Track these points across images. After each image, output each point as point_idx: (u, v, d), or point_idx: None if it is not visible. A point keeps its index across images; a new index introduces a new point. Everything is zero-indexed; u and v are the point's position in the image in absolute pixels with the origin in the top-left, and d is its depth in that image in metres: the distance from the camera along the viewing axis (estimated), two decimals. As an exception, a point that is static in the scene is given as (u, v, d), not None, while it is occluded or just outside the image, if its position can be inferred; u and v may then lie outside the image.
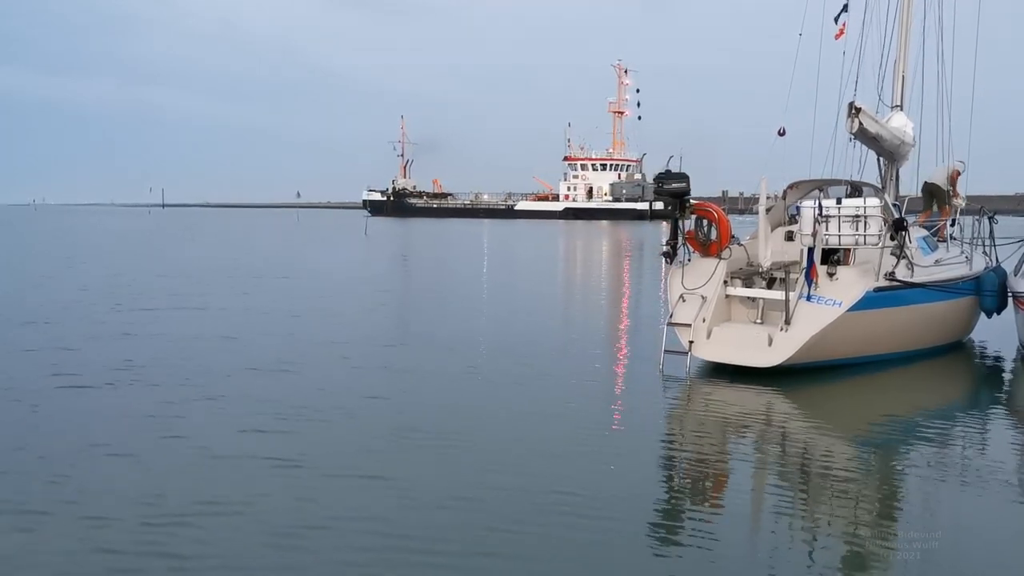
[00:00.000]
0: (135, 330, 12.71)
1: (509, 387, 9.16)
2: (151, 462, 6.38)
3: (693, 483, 6.22)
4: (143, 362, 10.12)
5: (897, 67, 12.94)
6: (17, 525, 5.16)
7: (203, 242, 44.03)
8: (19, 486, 5.83)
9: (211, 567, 4.61)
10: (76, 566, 4.63)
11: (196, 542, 4.90)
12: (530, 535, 5.07)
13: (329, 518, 5.28)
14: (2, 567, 4.58)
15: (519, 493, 5.77)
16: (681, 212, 10.36)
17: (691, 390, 9.11)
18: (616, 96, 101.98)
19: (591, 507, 5.53)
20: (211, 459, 6.47)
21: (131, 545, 4.86)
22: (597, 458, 6.59)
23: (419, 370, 9.91)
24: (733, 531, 5.21)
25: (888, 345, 10.19)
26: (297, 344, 11.65)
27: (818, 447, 7.10)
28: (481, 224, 76.23)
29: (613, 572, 4.63)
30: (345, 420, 7.68)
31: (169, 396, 8.45)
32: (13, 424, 7.45)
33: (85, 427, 7.33)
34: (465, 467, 6.32)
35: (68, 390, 8.73)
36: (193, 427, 7.35)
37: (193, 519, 5.23)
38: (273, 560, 4.70)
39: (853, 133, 10.42)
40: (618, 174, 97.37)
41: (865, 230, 9.63)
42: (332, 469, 6.24)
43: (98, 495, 5.66)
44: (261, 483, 5.90)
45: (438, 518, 5.30)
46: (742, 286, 10.47)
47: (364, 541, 4.97)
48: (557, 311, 16.76)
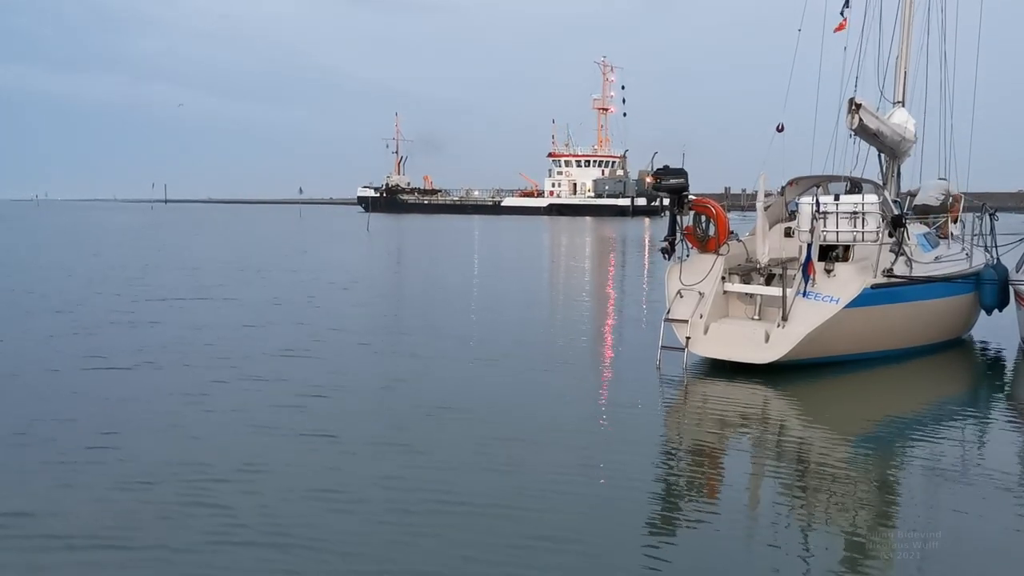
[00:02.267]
0: (161, 318, 13.49)
1: (505, 384, 9.12)
2: (193, 431, 7.08)
3: (689, 481, 6.17)
4: (172, 347, 10.86)
5: (899, 63, 12.87)
6: (64, 480, 5.83)
7: (212, 238, 44.28)
8: (66, 451, 6.48)
9: (253, 515, 5.22)
10: (128, 516, 5.24)
11: (239, 493, 5.59)
12: (525, 531, 5.03)
13: (359, 481, 5.87)
14: (54, 519, 5.17)
15: (511, 488, 5.74)
16: (680, 208, 10.29)
17: (688, 387, 9.06)
18: (601, 93, 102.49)
19: (586, 503, 5.50)
20: (249, 428, 7.20)
21: (176, 497, 5.51)
22: (592, 455, 6.55)
23: (415, 361, 9.97)
24: (730, 529, 5.18)
25: (886, 342, 10.14)
26: (316, 331, 12.30)
27: (816, 444, 7.05)
28: (469, 220, 76.49)
29: (610, 567, 4.60)
30: (367, 398, 8.38)
31: (201, 376, 9.15)
32: (57, 400, 8.11)
33: (125, 402, 8.04)
34: (452, 465, 6.30)
35: (105, 372, 9.40)
36: (229, 403, 8.05)
37: (235, 476, 5.90)
38: (307, 511, 5.33)
39: (853, 129, 10.37)
40: (601, 170, 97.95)
41: (863, 226, 9.57)
42: (357, 439, 6.88)
43: (144, 458, 6.31)
44: (294, 451, 6.57)
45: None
46: (740, 282, 10.41)
47: (393, 500, 5.54)
48: (552, 308, 16.70)
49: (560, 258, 31.22)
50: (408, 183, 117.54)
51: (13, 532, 4.94)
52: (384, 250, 35.21)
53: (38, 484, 5.74)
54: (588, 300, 17.36)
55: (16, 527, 5.01)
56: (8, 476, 5.90)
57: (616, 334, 12.93)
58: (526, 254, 33.49)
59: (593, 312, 15.44)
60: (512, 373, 9.59)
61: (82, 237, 42.18)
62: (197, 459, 6.25)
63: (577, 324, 13.65)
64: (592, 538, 4.97)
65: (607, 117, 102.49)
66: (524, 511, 5.35)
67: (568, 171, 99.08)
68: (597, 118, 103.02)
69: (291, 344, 11.13)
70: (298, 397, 8.23)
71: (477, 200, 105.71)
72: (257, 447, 6.62)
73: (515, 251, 35.26)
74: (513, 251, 35.11)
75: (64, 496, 5.53)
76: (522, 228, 59.18)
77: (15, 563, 4.55)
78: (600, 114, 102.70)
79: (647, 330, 12.42)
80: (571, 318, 14.50)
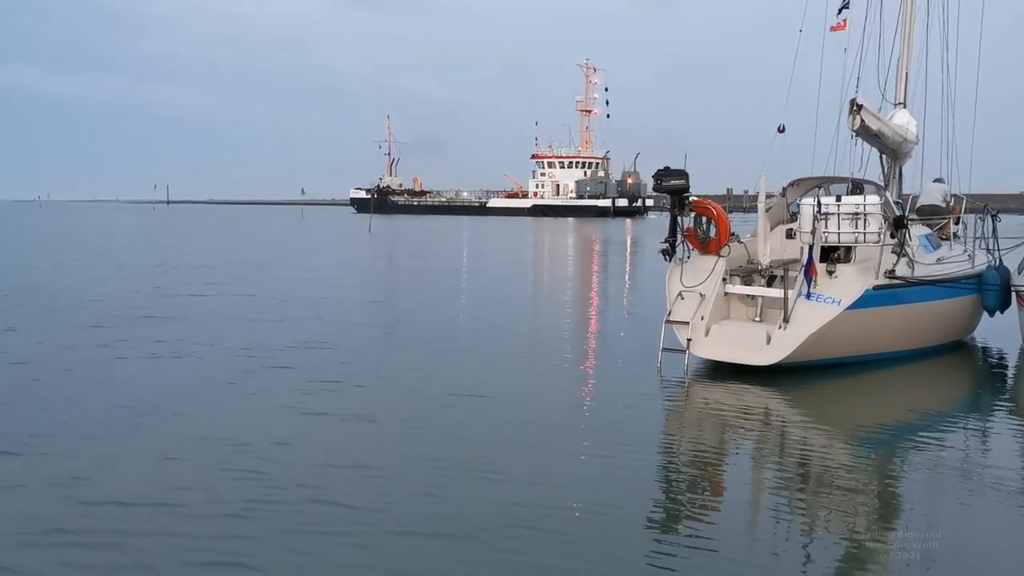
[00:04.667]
0: (182, 313, 14.20)
1: (504, 383, 9.08)
2: (226, 411, 7.76)
3: (691, 483, 6.15)
4: (195, 339, 11.47)
5: (900, 64, 12.83)
6: (115, 451, 6.54)
7: (220, 238, 44.53)
8: (107, 427, 7.15)
9: (288, 481, 5.84)
10: (173, 480, 5.90)
11: (273, 462, 6.22)
12: (524, 534, 5.00)
13: (387, 455, 6.49)
14: (92, 485, 5.81)
15: (509, 488, 5.70)
16: (680, 209, 10.26)
17: (689, 389, 9.02)
18: (584, 95, 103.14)
19: (587, 506, 5.47)
20: (280, 409, 7.83)
21: (216, 465, 6.19)
22: (592, 457, 6.52)
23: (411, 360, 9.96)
24: (731, 531, 5.17)
25: (888, 344, 10.11)
26: (335, 325, 13.06)
27: (817, 447, 7.02)
28: (455, 221, 76.73)
29: (610, 569, 4.57)
30: (387, 384, 9.00)
31: (228, 365, 9.81)
32: (93, 386, 8.75)
33: (159, 389, 8.65)
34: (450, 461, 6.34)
35: (135, 361, 10.07)
36: (258, 387, 8.73)
37: (271, 450, 6.53)
38: (340, 479, 5.96)
39: (855, 130, 10.35)
40: (584, 172, 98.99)
41: (865, 228, 9.53)
42: (381, 419, 7.52)
43: (182, 435, 6.97)
44: (324, 430, 7.20)
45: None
46: (741, 284, 10.37)
47: (422, 470, 6.15)
48: (549, 307, 16.63)
49: (545, 258, 31.26)
50: (400, 184, 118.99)
51: (73, 493, 5.64)
52: (387, 248, 35.33)
53: (92, 454, 6.48)
54: (587, 300, 17.32)
55: (76, 488, 5.73)
56: (69, 445, 6.67)
57: (616, 335, 12.87)
58: (511, 256, 33.36)
59: (593, 312, 15.40)
60: (511, 373, 9.56)
61: (92, 238, 42.26)
62: (231, 435, 6.92)
63: (576, 324, 13.61)
64: (593, 538, 4.94)
65: (590, 119, 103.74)
66: (521, 511, 5.31)
67: (551, 172, 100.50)
68: (580, 120, 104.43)
69: (313, 336, 11.86)
70: (322, 383, 8.88)
71: (465, 201, 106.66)
72: (289, 425, 7.29)
73: (501, 252, 35.05)
74: (499, 252, 34.93)
75: (117, 463, 6.28)
76: (505, 229, 59.20)
77: (75, 518, 5.24)
78: (583, 116, 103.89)
79: (647, 331, 12.37)
80: (570, 317, 14.46)
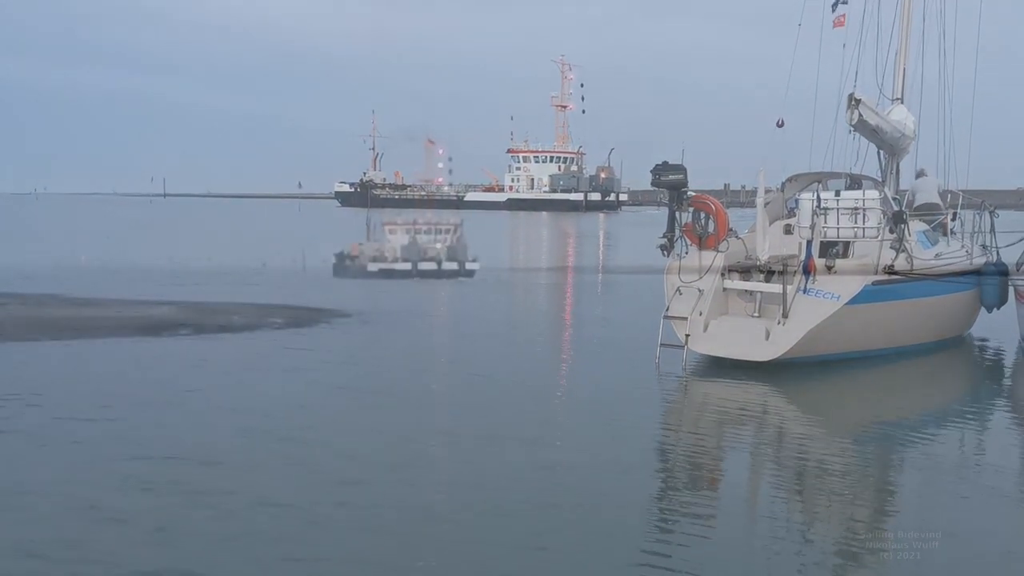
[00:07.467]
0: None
1: (502, 384, 9.03)
2: (260, 390, 8.32)
3: (689, 479, 6.14)
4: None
5: (898, 60, 12.79)
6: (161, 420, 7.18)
7: (225, 231, 44.44)
8: (136, 413, 7.47)
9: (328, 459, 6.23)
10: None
11: (306, 445, 6.58)
12: (522, 528, 4.98)
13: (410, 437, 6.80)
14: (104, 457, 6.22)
15: (506, 487, 5.67)
16: (679, 204, 10.20)
17: (688, 384, 8.98)
18: (560, 91, 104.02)
19: (583, 500, 5.45)
20: (306, 384, 8.51)
21: (242, 443, 6.61)
22: (591, 452, 6.49)
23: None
24: (729, 527, 5.18)
25: (887, 340, 10.09)
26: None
27: (815, 443, 7.00)
28: (436, 215, 76.53)
29: (610, 563, 4.56)
30: (404, 376, 9.23)
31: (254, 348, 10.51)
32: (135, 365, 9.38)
33: (183, 375, 9.01)
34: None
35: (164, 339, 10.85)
36: (280, 372, 9.18)
37: (297, 433, 6.88)
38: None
39: (853, 125, 10.33)
40: (558, 166, 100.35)
41: (864, 223, 9.49)
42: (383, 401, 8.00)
43: (212, 413, 7.51)
44: (348, 416, 7.58)
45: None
46: (739, 279, 10.31)
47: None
48: (547, 307, 16.56)
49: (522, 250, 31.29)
50: (384, 179, 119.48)
51: (139, 450, 6.29)
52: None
53: (148, 426, 7.06)
54: (584, 300, 17.28)
55: (127, 442, 6.52)
56: (132, 413, 7.39)
57: (612, 332, 12.80)
58: (504, 247, 33.35)
59: (589, 312, 15.36)
60: (510, 373, 9.50)
61: (105, 230, 42.26)
62: (266, 409, 7.54)
63: (574, 323, 13.57)
64: (592, 533, 4.92)
65: (566, 114, 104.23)
66: (522, 508, 5.28)
67: (526, 167, 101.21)
68: (556, 115, 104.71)
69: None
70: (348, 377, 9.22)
71: (445, 195, 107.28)
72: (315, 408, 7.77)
73: (498, 249, 34.95)
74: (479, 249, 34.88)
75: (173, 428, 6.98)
76: (483, 223, 59.15)
77: (158, 474, 5.79)
78: (559, 111, 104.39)
79: (645, 327, 12.30)
80: (568, 317, 14.41)
